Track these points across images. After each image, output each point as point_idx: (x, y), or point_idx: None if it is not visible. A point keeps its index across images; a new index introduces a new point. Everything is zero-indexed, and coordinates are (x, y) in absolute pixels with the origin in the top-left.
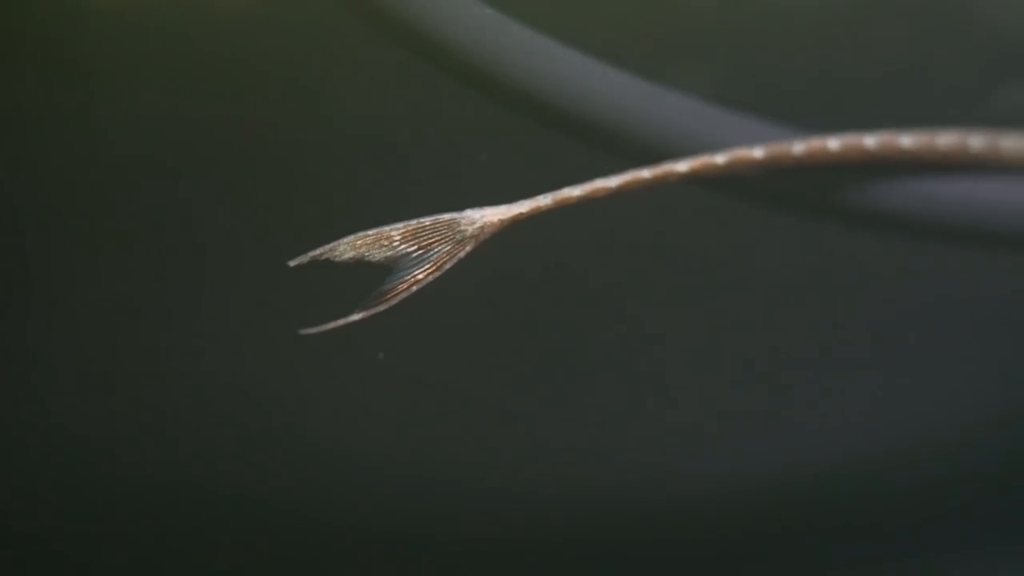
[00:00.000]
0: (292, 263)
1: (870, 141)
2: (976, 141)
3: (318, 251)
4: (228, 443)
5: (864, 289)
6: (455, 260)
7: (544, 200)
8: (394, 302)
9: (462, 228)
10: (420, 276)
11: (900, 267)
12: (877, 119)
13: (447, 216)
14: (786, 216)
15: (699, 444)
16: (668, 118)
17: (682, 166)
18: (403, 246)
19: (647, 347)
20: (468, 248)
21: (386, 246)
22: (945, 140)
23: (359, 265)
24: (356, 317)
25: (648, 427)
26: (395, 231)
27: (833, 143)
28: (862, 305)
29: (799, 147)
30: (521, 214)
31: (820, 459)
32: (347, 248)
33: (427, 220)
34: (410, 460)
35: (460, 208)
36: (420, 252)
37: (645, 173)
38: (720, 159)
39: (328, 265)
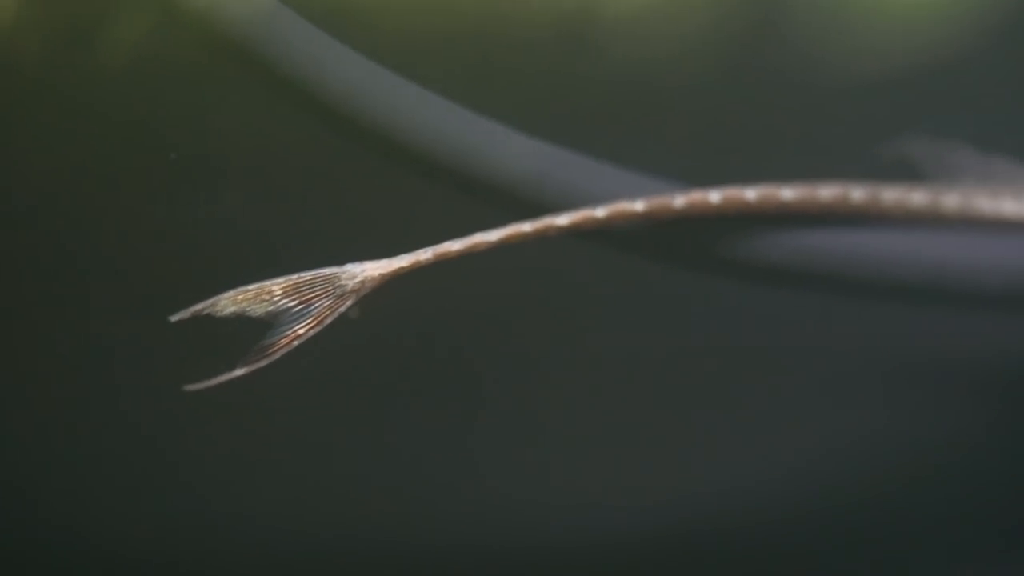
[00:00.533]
0: (173, 318)
1: (751, 194)
2: (857, 193)
3: (199, 306)
4: (111, 498)
5: (742, 334)
6: (336, 314)
7: (424, 254)
8: (275, 357)
9: (343, 283)
10: (301, 331)
11: (780, 314)
12: (759, 172)
13: (328, 270)
14: (666, 266)
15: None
16: (549, 172)
17: (563, 220)
18: (284, 301)
19: (523, 396)
20: (349, 302)
21: (267, 301)
22: (826, 192)
23: (240, 320)
24: (238, 372)
25: (523, 473)
26: (276, 285)
27: (714, 196)
28: (736, 349)
29: (680, 200)
30: (402, 268)
31: (687, 506)
32: (228, 303)
33: (308, 275)
34: (285, 513)
35: (341, 262)
36: (301, 306)
37: (526, 227)
38: (601, 212)
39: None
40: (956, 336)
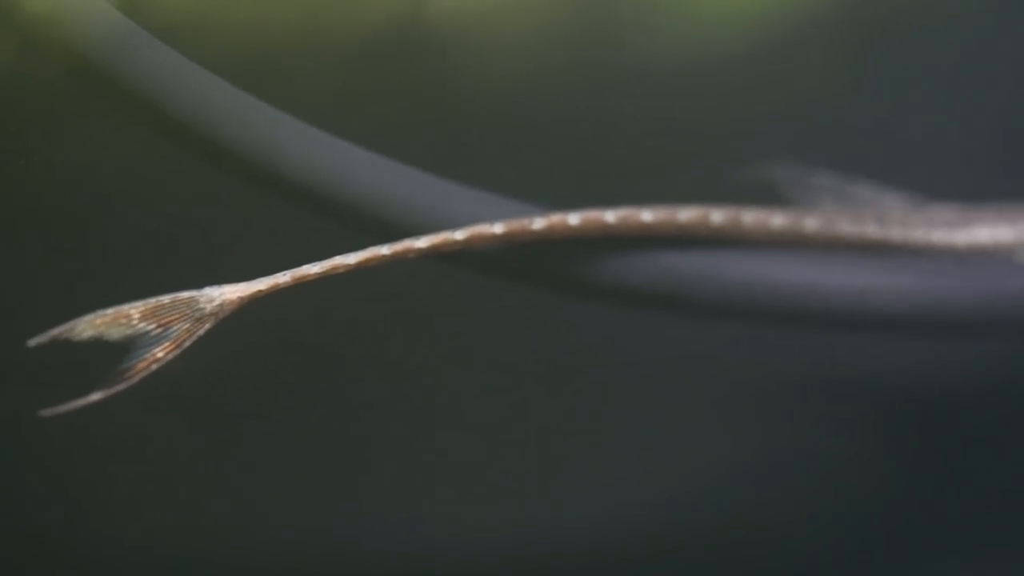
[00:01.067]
0: (32, 343)
1: (610, 216)
2: (717, 215)
3: (57, 330)
4: None
5: (607, 361)
6: (194, 338)
7: (283, 278)
8: (134, 381)
9: (201, 306)
10: (160, 354)
11: (649, 339)
12: (620, 196)
13: (186, 294)
14: (526, 289)
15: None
16: (407, 195)
17: (422, 242)
18: (142, 324)
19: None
20: (208, 325)
21: (125, 324)
22: (686, 215)
23: (98, 344)
24: (96, 397)
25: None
26: (134, 309)
27: (573, 218)
28: (601, 376)
29: (539, 222)
30: (260, 291)
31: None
32: (86, 327)
33: (166, 298)
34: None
35: (200, 286)
36: (159, 330)
37: (384, 250)
38: (459, 235)
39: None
40: (826, 358)
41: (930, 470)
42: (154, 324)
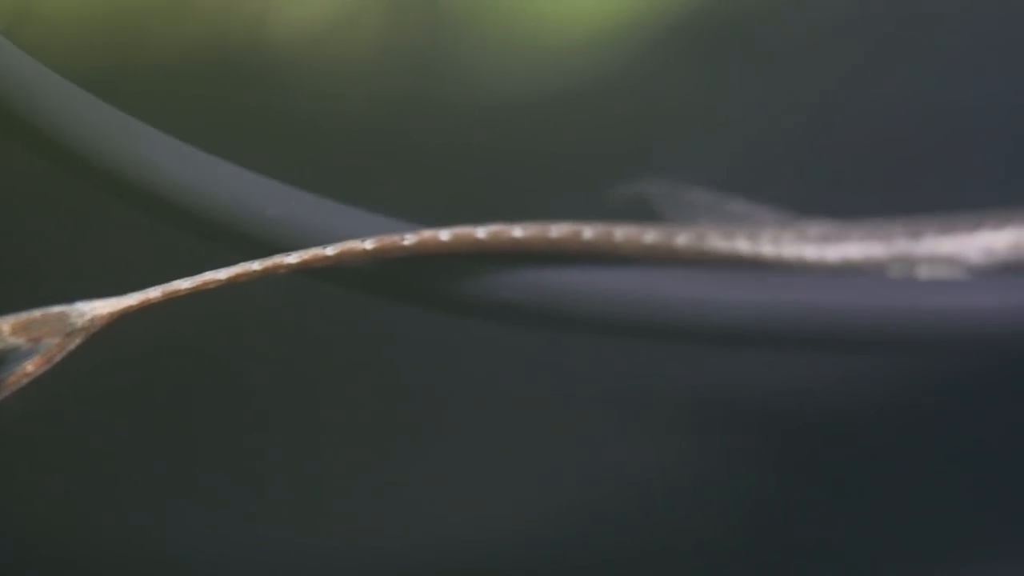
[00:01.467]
0: None
1: (481, 232)
2: (589, 231)
3: None
4: None
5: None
6: (65, 352)
7: (154, 293)
8: (4, 395)
9: (72, 321)
10: (30, 369)
11: (514, 351)
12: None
13: (57, 309)
14: (399, 304)
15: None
16: (277, 210)
17: (292, 258)
18: (12, 339)
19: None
20: (79, 340)
21: None
22: (558, 230)
23: None
24: None
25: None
26: (4, 323)
27: (444, 234)
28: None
29: (410, 238)
30: (131, 306)
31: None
32: None
33: (37, 313)
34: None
35: (71, 300)
36: (30, 345)
37: (255, 265)
38: (330, 250)
39: None
40: (700, 373)
41: (808, 488)
42: (24, 338)
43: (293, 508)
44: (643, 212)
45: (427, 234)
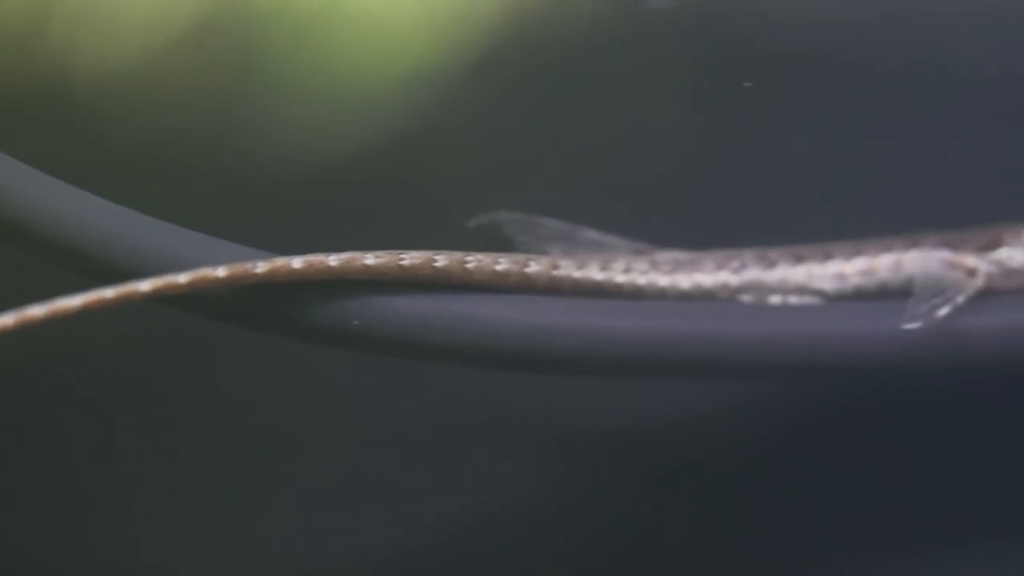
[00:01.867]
0: None
1: (334, 260)
2: (441, 259)
3: None
4: None
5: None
6: None
7: (7, 320)
8: None
9: None
10: None
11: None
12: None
13: None
14: (252, 332)
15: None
16: (129, 237)
17: (145, 285)
18: None
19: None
20: None
21: None
22: (410, 258)
23: None
24: None
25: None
26: None
27: (297, 262)
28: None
29: (262, 266)
30: None
31: None
32: None
33: None
34: None
35: None
36: None
37: (108, 292)
38: (183, 278)
39: None
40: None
41: (666, 516)
42: None
43: (144, 533)
44: (498, 241)
45: (279, 262)
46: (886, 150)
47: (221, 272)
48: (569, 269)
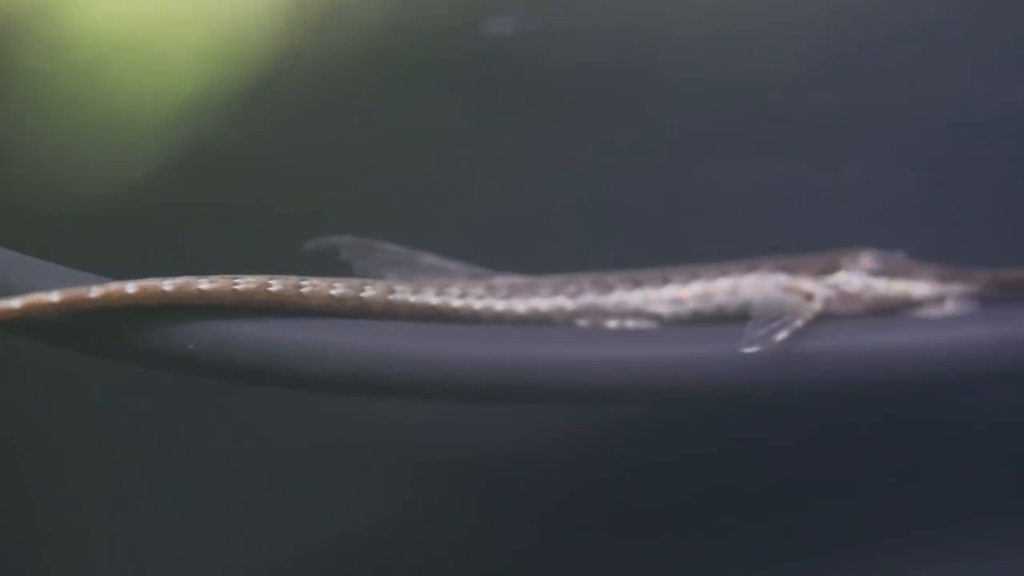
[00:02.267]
0: None
1: (168, 285)
2: (276, 283)
3: None
4: None
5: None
6: None
7: None
8: None
9: None
10: None
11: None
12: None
13: None
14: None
15: None
16: None
17: None
18: None
19: None
20: None
21: None
22: (244, 283)
23: None
24: None
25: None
26: None
27: (131, 287)
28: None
29: (96, 291)
30: None
31: None
32: None
33: None
34: None
35: None
36: None
37: None
38: (16, 303)
39: None
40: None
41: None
42: None
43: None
44: (335, 265)
45: (113, 287)
46: (742, 175)
47: (55, 297)
48: (405, 294)
